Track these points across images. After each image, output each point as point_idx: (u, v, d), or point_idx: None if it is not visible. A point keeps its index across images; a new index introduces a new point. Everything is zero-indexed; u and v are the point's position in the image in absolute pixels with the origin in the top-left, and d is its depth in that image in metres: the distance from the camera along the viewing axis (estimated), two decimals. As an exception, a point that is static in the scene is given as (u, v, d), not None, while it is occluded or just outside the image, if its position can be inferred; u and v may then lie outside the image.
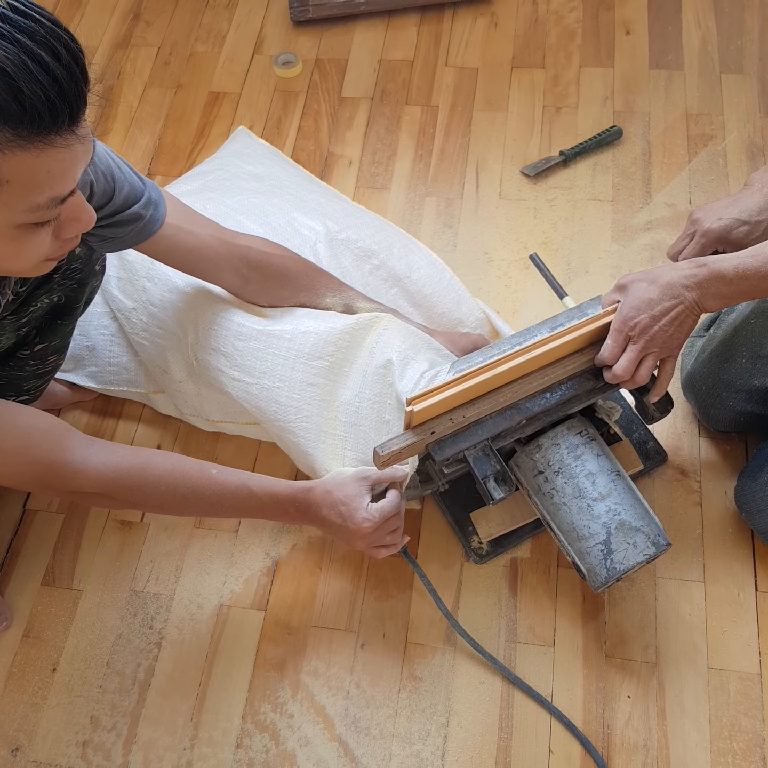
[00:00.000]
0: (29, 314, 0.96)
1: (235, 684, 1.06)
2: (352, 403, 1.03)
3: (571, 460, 0.98)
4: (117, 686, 1.07)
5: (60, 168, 0.60)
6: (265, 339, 1.04)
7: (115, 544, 1.17)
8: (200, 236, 0.98)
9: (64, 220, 0.67)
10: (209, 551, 1.16)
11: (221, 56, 1.68)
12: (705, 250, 0.95)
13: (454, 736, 1.01)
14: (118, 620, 1.12)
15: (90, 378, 1.25)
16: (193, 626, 1.11)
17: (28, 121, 0.55)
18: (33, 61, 0.55)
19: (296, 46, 1.68)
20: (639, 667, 1.04)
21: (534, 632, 1.07)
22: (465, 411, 0.92)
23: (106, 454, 0.89)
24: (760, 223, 0.89)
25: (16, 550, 1.18)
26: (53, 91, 0.55)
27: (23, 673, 1.09)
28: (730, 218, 0.90)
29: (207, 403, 1.16)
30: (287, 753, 1.02)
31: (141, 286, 1.14)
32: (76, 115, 0.59)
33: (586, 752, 0.99)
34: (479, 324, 1.22)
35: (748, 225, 0.89)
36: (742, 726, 0.99)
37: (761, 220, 0.89)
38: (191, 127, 1.59)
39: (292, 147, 1.54)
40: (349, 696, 1.05)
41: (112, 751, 1.03)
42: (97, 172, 0.85)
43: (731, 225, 0.89)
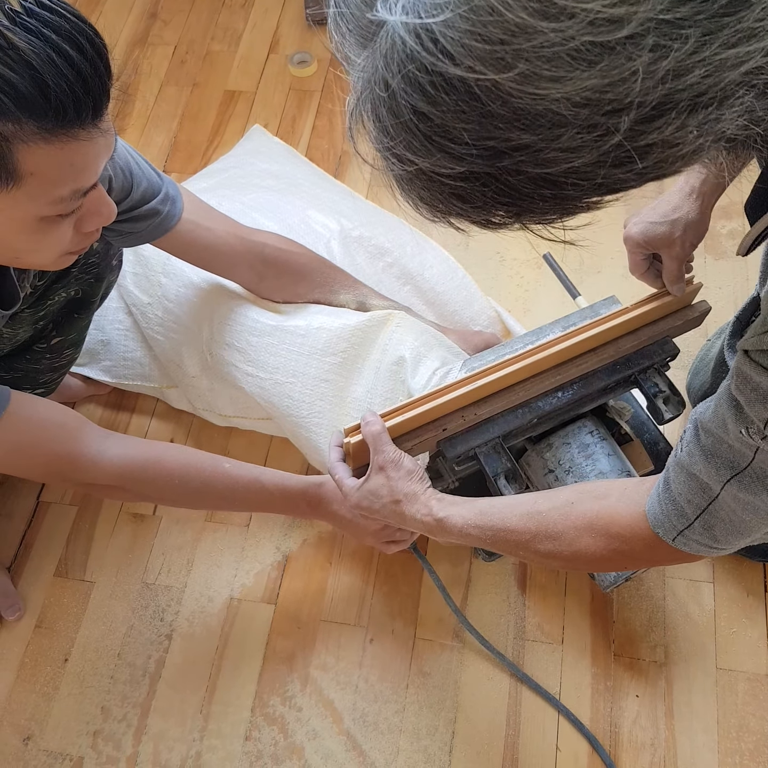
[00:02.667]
0: (46, 308, 0.97)
1: (245, 677, 1.07)
2: (365, 399, 1.03)
3: (581, 460, 0.98)
4: (128, 677, 1.08)
5: (83, 161, 0.61)
6: (279, 335, 1.05)
7: (127, 537, 1.18)
8: (217, 232, 0.99)
9: (86, 213, 0.68)
10: (220, 545, 1.17)
11: (237, 55, 1.69)
12: (634, 257, 0.93)
13: (461, 732, 1.02)
14: (129, 612, 1.13)
15: (104, 372, 1.26)
16: (203, 619, 1.11)
17: (53, 114, 0.56)
18: (58, 55, 0.56)
19: (311, 45, 1.69)
20: (647, 666, 1.04)
21: (542, 630, 1.07)
22: (477, 408, 0.93)
23: (121, 447, 0.90)
24: (677, 221, 0.86)
25: (30, 542, 1.19)
26: (78, 85, 0.56)
27: (35, 663, 1.10)
28: (645, 222, 0.88)
29: (220, 398, 1.17)
30: (296, 746, 1.02)
31: (156, 282, 1.15)
32: (100, 108, 0.60)
33: (594, 750, 0.99)
34: (491, 322, 1.23)
35: (664, 225, 0.86)
36: (750, 726, 0.99)
37: (677, 218, 0.86)
38: (207, 126, 1.60)
39: (306, 145, 1.55)
40: (357, 690, 1.05)
41: (122, 742, 1.04)
42: (116, 168, 0.86)
43: (647, 228, 0.87)
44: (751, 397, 0.52)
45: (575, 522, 0.72)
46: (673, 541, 0.65)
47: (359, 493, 0.86)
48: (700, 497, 0.62)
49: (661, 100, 0.34)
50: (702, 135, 0.36)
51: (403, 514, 0.84)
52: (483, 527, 0.78)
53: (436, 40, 0.34)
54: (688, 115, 0.35)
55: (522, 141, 0.36)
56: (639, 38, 0.32)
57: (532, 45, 0.33)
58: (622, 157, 0.37)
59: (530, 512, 0.75)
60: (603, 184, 0.39)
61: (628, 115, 0.35)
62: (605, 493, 0.73)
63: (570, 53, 0.33)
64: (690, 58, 0.33)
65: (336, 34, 0.40)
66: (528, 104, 0.35)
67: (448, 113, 0.36)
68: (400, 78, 0.36)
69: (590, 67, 0.33)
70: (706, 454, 0.60)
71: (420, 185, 0.42)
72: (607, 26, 0.32)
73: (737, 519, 0.60)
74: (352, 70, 0.40)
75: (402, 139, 0.39)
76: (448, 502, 0.82)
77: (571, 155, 0.37)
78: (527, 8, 0.32)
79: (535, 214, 0.42)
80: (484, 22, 0.33)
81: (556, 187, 0.39)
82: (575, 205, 0.41)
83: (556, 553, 0.73)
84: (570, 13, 0.32)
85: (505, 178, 0.38)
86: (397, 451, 0.86)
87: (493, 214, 0.42)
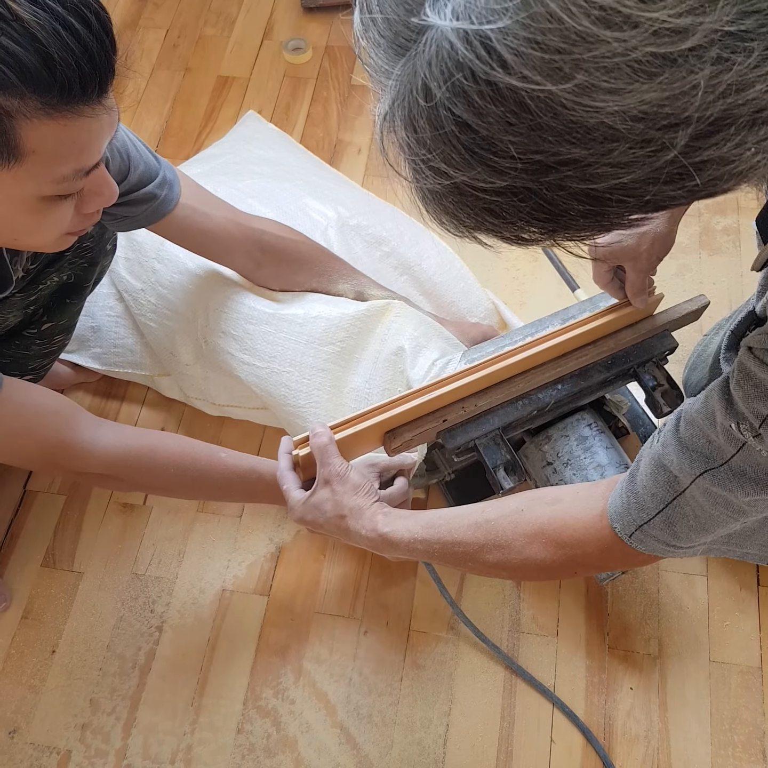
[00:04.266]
0: (38, 292, 0.95)
1: (237, 669, 1.06)
2: (362, 390, 1.02)
3: (580, 452, 0.98)
4: (117, 669, 1.07)
5: (86, 139, 0.59)
6: (276, 323, 1.04)
7: (117, 527, 1.16)
8: (214, 218, 0.97)
9: (87, 194, 0.66)
10: (212, 536, 1.15)
11: (230, 40, 1.67)
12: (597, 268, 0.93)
13: (456, 725, 1.01)
14: (119, 603, 1.11)
15: (94, 359, 1.24)
16: (195, 610, 1.10)
17: (58, 89, 0.55)
18: (64, 28, 0.54)
19: (306, 32, 1.67)
20: (641, 659, 1.04)
21: (537, 622, 1.07)
22: (477, 400, 0.92)
23: (115, 435, 0.88)
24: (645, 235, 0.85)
25: (16, 531, 1.17)
26: (84, 60, 0.55)
27: (22, 654, 1.08)
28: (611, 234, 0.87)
29: (214, 387, 1.15)
30: (288, 739, 1.02)
31: (150, 267, 1.13)
32: (105, 84, 0.58)
33: (588, 742, 0.99)
34: (488, 314, 1.22)
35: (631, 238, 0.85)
36: (743, 719, 1.00)
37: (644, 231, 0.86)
38: (199, 111, 1.58)
39: (301, 133, 1.54)
40: (351, 683, 1.05)
41: (111, 735, 1.03)
42: (113, 150, 0.84)
43: (613, 241, 0.87)
44: (751, 393, 0.52)
45: (525, 529, 0.71)
46: (630, 537, 0.65)
47: (304, 506, 0.84)
48: (665, 491, 0.61)
49: (721, 115, 0.33)
50: (759, 152, 0.35)
51: (347, 529, 0.82)
52: (430, 540, 0.76)
53: (490, 48, 0.33)
54: (748, 131, 0.34)
55: (571, 155, 0.35)
56: (702, 50, 0.31)
57: (592, 55, 0.32)
58: (674, 174, 0.35)
59: (478, 522, 0.74)
60: (651, 201, 0.37)
61: (686, 129, 0.33)
62: (557, 498, 0.72)
63: (631, 64, 0.32)
64: (752, 72, 0.32)
65: (364, 39, 0.38)
66: (581, 117, 0.33)
67: (495, 125, 0.35)
68: (446, 87, 0.35)
69: (650, 80, 0.32)
70: (682, 445, 0.59)
71: (451, 198, 0.40)
72: (671, 37, 0.31)
73: (704, 514, 0.60)
74: (382, 78, 0.38)
75: (440, 151, 0.37)
76: (394, 516, 0.81)
77: (621, 171, 0.35)
78: (590, 16, 0.31)
79: (570, 231, 0.40)
80: (544, 30, 0.32)
81: (599, 203, 0.37)
82: (616, 222, 0.39)
83: (504, 563, 0.72)
84: (634, 23, 0.31)
85: (546, 193, 0.37)
86: (344, 464, 0.83)
87: (526, 230, 0.40)
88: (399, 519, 0.80)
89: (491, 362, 0.91)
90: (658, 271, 0.90)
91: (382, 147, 0.40)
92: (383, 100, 0.38)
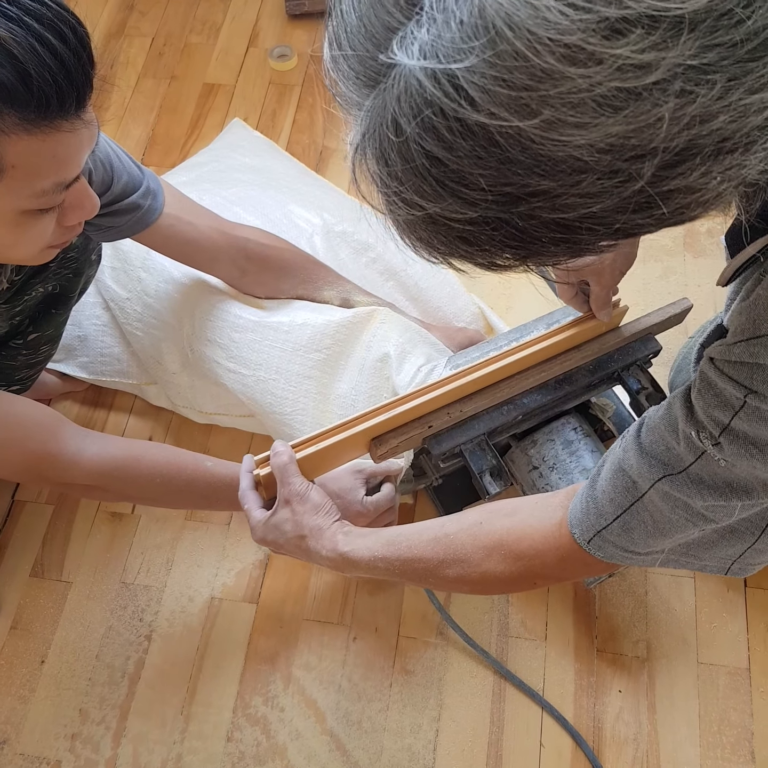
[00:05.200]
0: (23, 303, 0.95)
1: (226, 677, 1.06)
2: (348, 396, 1.03)
3: (566, 456, 0.98)
4: (106, 679, 1.06)
5: (66, 153, 0.59)
6: (262, 331, 1.04)
7: (105, 536, 1.16)
8: (199, 227, 0.97)
9: (68, 207, 0.66)
10: (201, 544, 1.15)
11: (216, 48, 1.67)
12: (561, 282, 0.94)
13: (445, 730, 1.02)
14: (107, 612, 1.11)
15: (81, 368, 1.24)
16: (183, 619, 1.10)
17: (36, 104, 0.55)
18: (41, 44, 0.54)
19: (292, 39, 1.67)
20: (630, 661, 1.05)
21: (526, 626, 1.07)
22: (462, 406, 0.92)
23: (101, 446, 0.88)
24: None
25: (4, 542, 1.16)
26: (61, 75, 0.55)
27: (11, 665, 1.08)
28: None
29: (200, 395, 1.15)
30: (278, 746, 1.02)
31: (136, 276, 1.13)
32: (83, 99, 0.58)
33: (577, 746, 1.00)
34: (474, 319, 1.23)
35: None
36: (731, 720, 1.00)
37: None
38: (185, 119, 1.58)
39: (287, 140, 1.54)
40: (340, 689, 1.05)
41: (101, 745, 1.03)
42: (96, 161, 0.84)
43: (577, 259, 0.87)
44: (711, 402, 0.53)
45: (484, 542, 0.71)
46: (588, 543, 0.65)
47: (265, 526, 0.84)
48: (623, 496, 0.62)
49: (686, 146, 0.34)
50: (725, 180, 0.35)
51: (308, 550, 0.82)
52: (390, 558, 0.76)
53: (458, 86, 0.33)
54: (713, 161, 0.34)
55: (540, 187, 0.35)
56: (666, 84, 0.32)
57: (558, 91, 0.32)
58: (642, 203, 0.36)
59: (437, 536, 0.74)
60: (620, 228, 0.38)
61: (652, 160, 0.34)
62: (515, 509, 0.73)
63: (596, 99, 0.32)
64: (716, 103, 0.32)
65: (334, 72, 0.38)
66: (549, 150, 0.34)
67: (465, 159, 0.35)
68: (415, 123, 0.35)
69: (616, 113, 0.32)
70: (642, 450, 0.60)
71: (424, 227, 0.40)
72: (635, 72, 0.31)
73: (663, 519, 0.60)
74: (353, 109, 0.38)
75: (412, 184, 0.37)
76: (355, 534, 0.80)
77: (590, 200, 0.36)
78: (555, 53, 0.31)
79: (543, 257, 0.41)
80: (510, 68, 0.32)
81: (570, 231, 0.38)
82: (588, 248, 0.40)
83: (464, 577, 0.72)
84: (598, 59, 0.31)
85: (517, 222, 0.37)
86: (304, 483, 0.83)
87: (499, 257, 0.41)
88: (359, 538, 0.79)
89: (476, 368, 0.92)
90: (642, 274, 0.91)
91: (355, 178, 0.40)
92: (355, 131, 0.39)
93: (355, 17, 0.36)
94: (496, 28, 0.31)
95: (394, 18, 0.35)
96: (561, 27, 0.31)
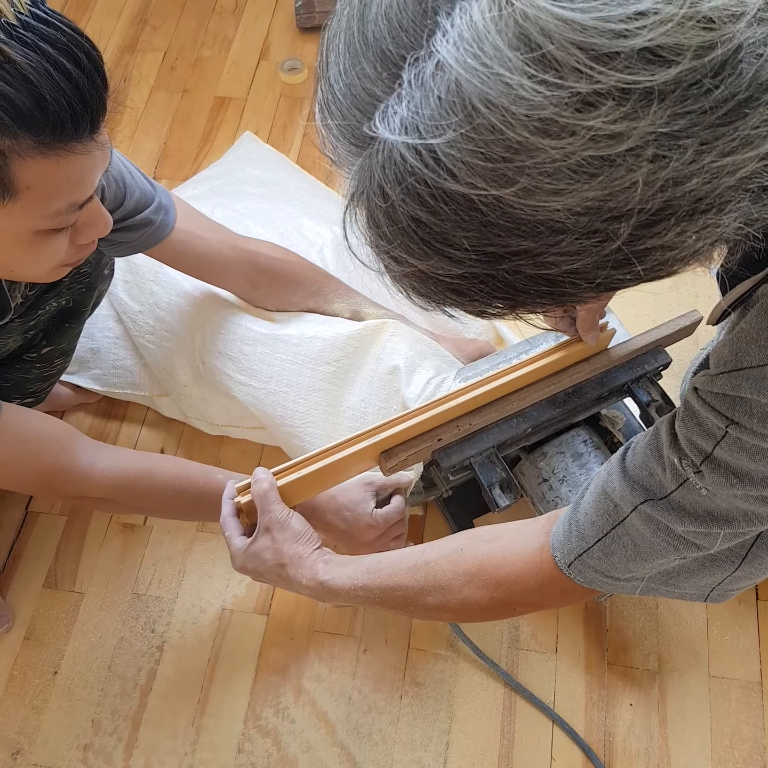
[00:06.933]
0: (37, 317, 0.96)
1: (237, 688, 1.06)
2: (358, 409, 1.03)
3: (575, 469, 0.98)
4: (118, 690, 1.07)
5: (80, 174, 0.60)
6: (273, 343, 1.05)
7: (117, 547, 1.17)
8: (210, 241, 0.98)
9: (81, 226, 0.67)
10: (212, 555, 1.16)
11: (227, 61, 1.69)
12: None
13: (456, 743, 1.02)
14: (120, 623, 1.12)
15: (94, 380, 1.25)
16: (195, 630, 1.11)
17: (51, 128, 0.56)
18: (55, 68, 0.55)
19: (302, 52, 1.69)
20: (641, 674, 1.04)
21: (536, 639, 1.07)
22: (472, 418, 0.93)
23: (113, 459, 0.89)
24: None
25: (18, 552, 1.17)
26: (75, 99, 0.56)
27: (24, 675, 1.09)
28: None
29: (212, 407, 1.16)
30: (289, 758, 1.02)
31: (148, 290, 1.15)
32: (97, 122, 0.59)
33: (588, 759, 0.99)
34: (484, 330, 1.23)
35: None
36: (743, 734, 1.00)
37: None
38: (197, 132, 1.59)
39: (298, 153, 1.55)
40: (351, 701, 1.05)
41: (113, 755, 1.03)
42: (109, 177, 0.85)
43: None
44: (694, 430, 0.54)
45: (464, 567, 0.71)
46: (569, 567, 0.65)
47: (245, 554, 0.83)
48: (604, 519, 0.62)
49: (661, 207, 0.34)
50: (701, 239, 0.36)
51: (288, 578, 0.81)
52: (370, 586, 0.76)
53: (437, 159, 0.34)
54: (688, 220, 0.35)
55: (521, 247, 0.37)
56: (639, 150, 0.32)
57: (534, 161, 0.33)
58: (621, 260, 0.37)
59: (418, 564, 0.73)
60: (601, 283, 0.39)
61: (628, 221, 0.35)
62: (496, 535, 0.72)
63: (571, 167, 0.33)
64: (688, 167, 0.33)
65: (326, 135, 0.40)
66: (528, 215, 0.35)
67: (448, 222, 0.36)
68: (399, 189, 0.36)
69: (591, 179, 0.33)
70: (625, 474, 0.60)
71: (416, 280, 0.42)
72: (608, 141, 0.32)
73: (644, 543, 0.60)
74: (344, 168, 0.40)
75: (400, 242, 0.39)
76: (335, 563, 0.80)
77: (571, 258, 0.37)
78: (528, 127, 0.32)
79: (532, 307, 0.42)
80: (486, 141, 0.33)
81: (554, 285, 0.39)
82: (573, 300, 0.41)
83: (444, 604, 0.72)
84: (571, 131, 0.32)
85: (503, 277, 0.39)
86: (284, 511, 0.82)
87: (489, 306, 0.42)
88: (340, 566, 0.79)
89: (485, 381, 0.92)
90: (652, 285, 0.90)
91: (345, 236, 0.42)
92: (348, 185, 0.40)
93: (342, 85, 0.37)
94: (472, 104, 0.33)
95: (376, 91, 0.36)
96: (534, 102, 0.32)
